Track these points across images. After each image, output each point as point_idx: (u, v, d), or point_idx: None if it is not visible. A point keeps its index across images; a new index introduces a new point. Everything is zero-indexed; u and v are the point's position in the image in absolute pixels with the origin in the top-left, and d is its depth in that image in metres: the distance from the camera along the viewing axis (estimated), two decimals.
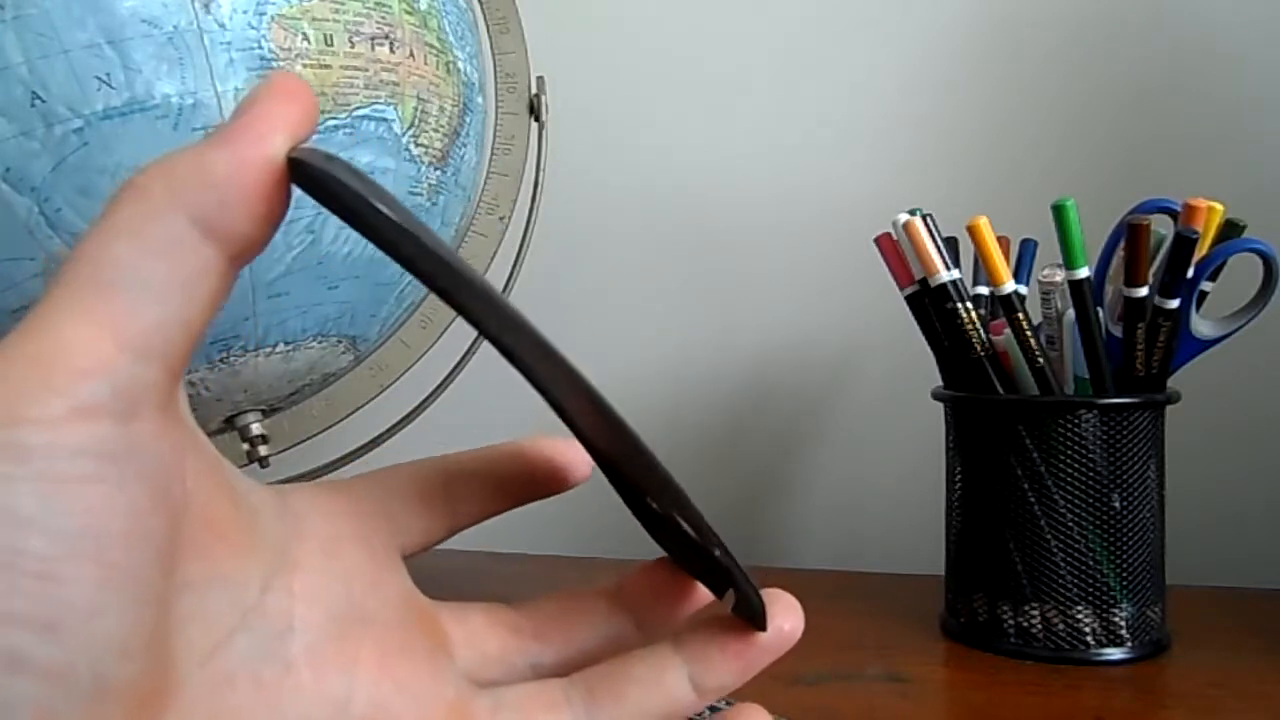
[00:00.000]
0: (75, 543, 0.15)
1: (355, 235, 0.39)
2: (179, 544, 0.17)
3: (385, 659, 0.20)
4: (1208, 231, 0.42)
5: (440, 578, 0.26)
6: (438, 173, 0.42)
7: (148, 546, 0.16)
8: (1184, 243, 0.40)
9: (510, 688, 0.22)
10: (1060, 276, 0.42)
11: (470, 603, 0.24)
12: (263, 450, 0.43)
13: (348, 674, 0.19)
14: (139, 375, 0.16)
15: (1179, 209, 0.41)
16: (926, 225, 0.44)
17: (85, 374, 0.15)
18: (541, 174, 0.54)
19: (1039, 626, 0.43)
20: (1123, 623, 0.42)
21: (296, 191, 0.17)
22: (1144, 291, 0.41)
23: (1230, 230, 0.42)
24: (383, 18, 0.38)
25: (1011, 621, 0.43)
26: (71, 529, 0.15)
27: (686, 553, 0.23)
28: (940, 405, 0.47)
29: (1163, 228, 0.42)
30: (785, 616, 0.22)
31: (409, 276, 0.43)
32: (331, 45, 0.37)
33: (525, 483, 0.24)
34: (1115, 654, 0.42)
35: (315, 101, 0.18)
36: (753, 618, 0.22)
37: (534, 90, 0.53)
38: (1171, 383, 0.44)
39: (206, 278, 0.16)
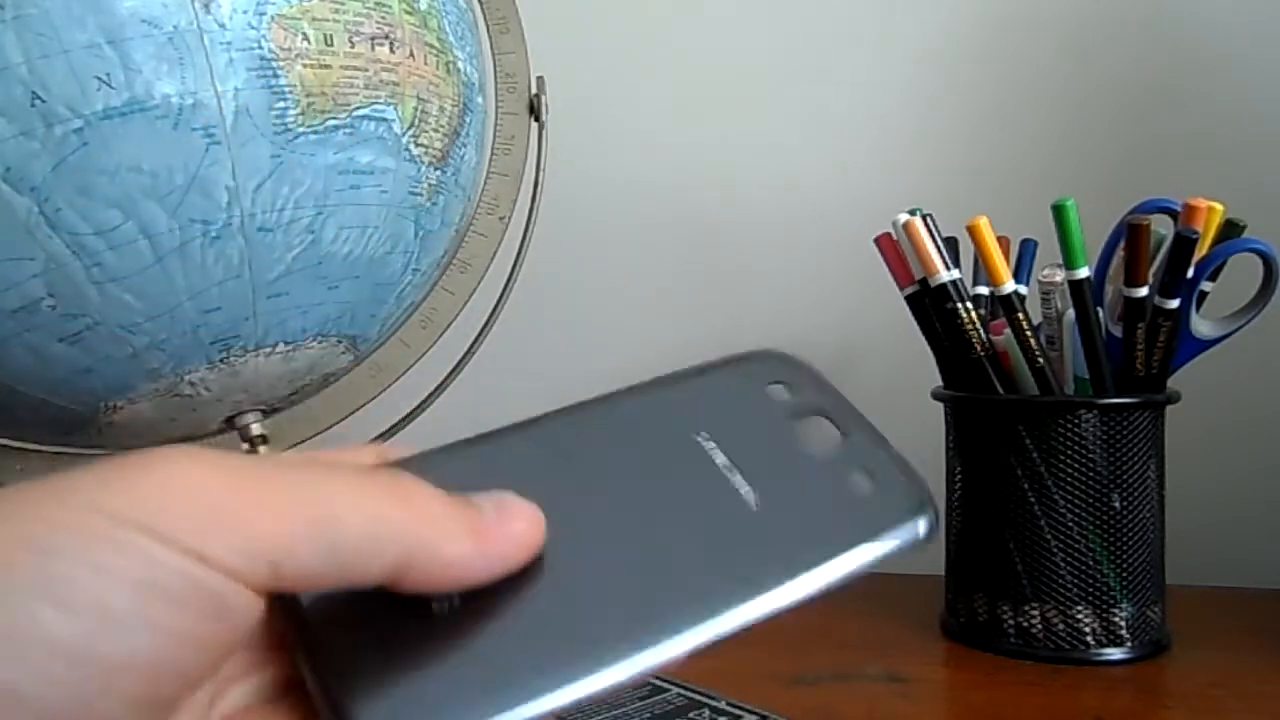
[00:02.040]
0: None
1: (356, 234, 0.39)
2: None
3: None
4: (1208, 231, 0.42)
5: None
6: (438, 173, 0.42)
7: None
8: (1184, 243, 0.40)
9: None
10: (1060, 276, 0.42)
11: None
12: (263, 450, 0.43)
13: None
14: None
15: (1179, 209, 0.41)
16: (926, 225, 0.44)
17: None
18: (541, 174, 0.54)
19: (1039, 626, 0.43)
20: (1123, 623, 0.42)
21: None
22: (1144, 291, 0.41)
23: (1230, 230, 0.42)
24: (383, 18, 0.38)
25: (1011, 621, 0.43)
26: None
27: None
28: (940, 405, 0.47)
29: (1163, 228, 0.42)
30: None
31: (409, 276, 0.43)
32: (331, 45, 0.37)
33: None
34: (1115, 654, 0.42)
35: None
36: None
37: (534, 90, 0.53)
38: (1171, 383, 0.44)
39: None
